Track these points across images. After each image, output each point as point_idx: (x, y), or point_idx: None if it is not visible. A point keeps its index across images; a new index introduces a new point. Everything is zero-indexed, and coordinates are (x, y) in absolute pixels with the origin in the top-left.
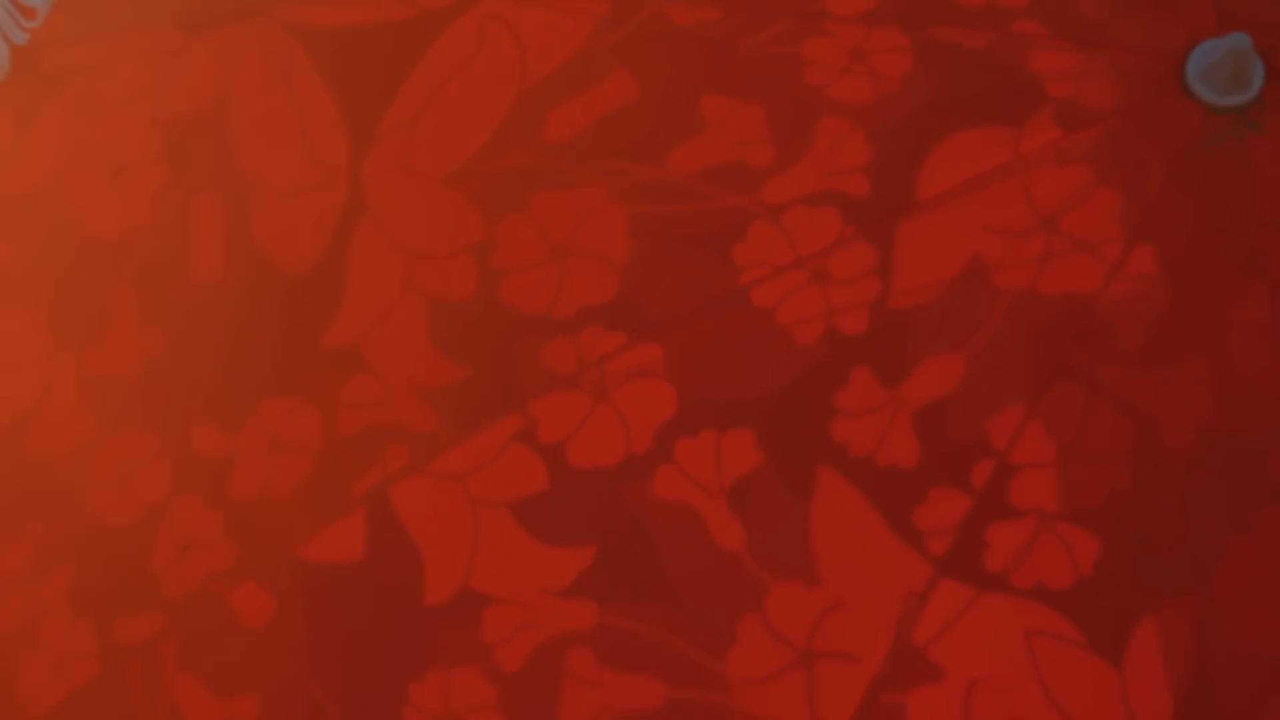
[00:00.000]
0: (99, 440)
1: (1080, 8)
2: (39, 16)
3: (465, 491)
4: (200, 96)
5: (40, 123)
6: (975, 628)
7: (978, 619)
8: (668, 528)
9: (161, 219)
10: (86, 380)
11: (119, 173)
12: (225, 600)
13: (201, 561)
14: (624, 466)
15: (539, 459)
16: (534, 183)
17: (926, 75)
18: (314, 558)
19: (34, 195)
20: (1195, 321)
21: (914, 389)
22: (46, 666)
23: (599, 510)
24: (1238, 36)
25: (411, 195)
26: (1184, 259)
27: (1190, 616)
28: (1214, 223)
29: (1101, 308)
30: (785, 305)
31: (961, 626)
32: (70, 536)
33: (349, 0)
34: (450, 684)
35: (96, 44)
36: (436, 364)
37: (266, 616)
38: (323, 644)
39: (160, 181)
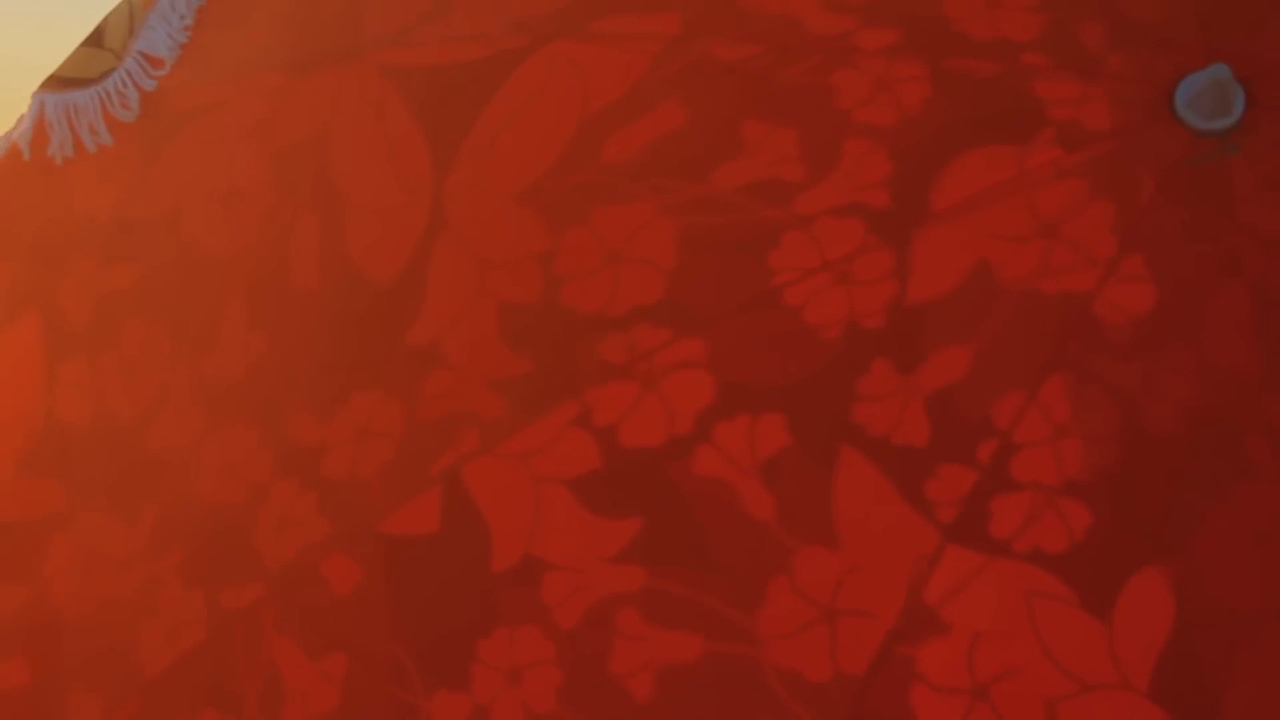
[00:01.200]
0: (210, 433)
1: (1081, 41)
2: (166, 66)
3: (528, 470)
4: (304, 129)
5: (164, 158)
6: (979, 588)
7: (981, 580)
8: (706, 500)
9: (268, 237)
10: (200, 381)
11: (232, 198)
12: (317, 570)
13: (297, 536)
14: (668, 447)
15: (593, 440)
16: (594, 199)
17: (942, 101)
18: (395, 530)
19: (159, 221)
20: (1178, 317)
21: (926, 377)
22: (161, 632)
23: (646, 485)
24: (1220, 68)
25: (486, 211)
26: (1169, 262)
27: (1172, 578)
28: (1197, 231)
29: (1095, 305)
30: (813, 304)
31: (967, 587)
32: (183, 518)
33: (435, 43)
34: (514, 641)
35: (214, 87)
36: (505, 358)
37: (353, 583)
38: (403, 607)
39: (268, 204)
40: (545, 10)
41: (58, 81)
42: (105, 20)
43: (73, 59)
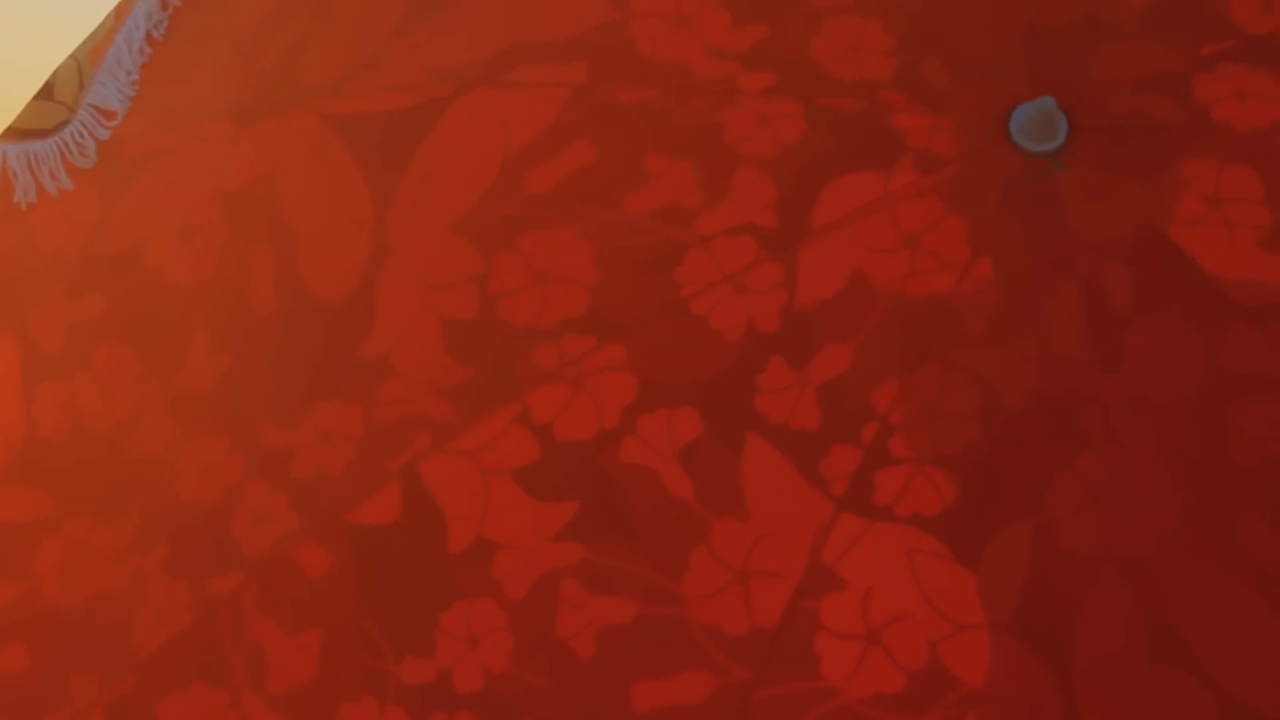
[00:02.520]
0: (184, 442)
1: (929, 81)
2: (118, 117)
3: (476, 464)
4: (252, 172)
5: (123, 199)
6: (868, 548)
7: (870, 542)
8: (633, 484)
9: (225, 269)
10: (171, 397)
11: (190, 234)
12: (292, 558)
13: (272, 529)
14: (598, 439)
15: (532, 436)
16: (520, 227)
17: (816, 134)
18: (360, 521)
19: (121, 257)
20: (1023, 312)
21: (816, 370)
22: (151, 617)
23: (580, 473)
24: (1046, 99)
25: (424, 240)
26: (1013, 265)
27: (1028, 532)
28: (1035, 238)
29: (953, 304)
30: (716, 312)
31: (858, 548)
32: (165, 517)
33: (371, 93)
34: (471, 612)
35: (165, 135)
36: (450, 367)
37: (325, 568)
38: (370, 587)
39: (223, 240)
40: (465, 61)
41: (15, 133)
42: (54, 75)
43: (27, 111)
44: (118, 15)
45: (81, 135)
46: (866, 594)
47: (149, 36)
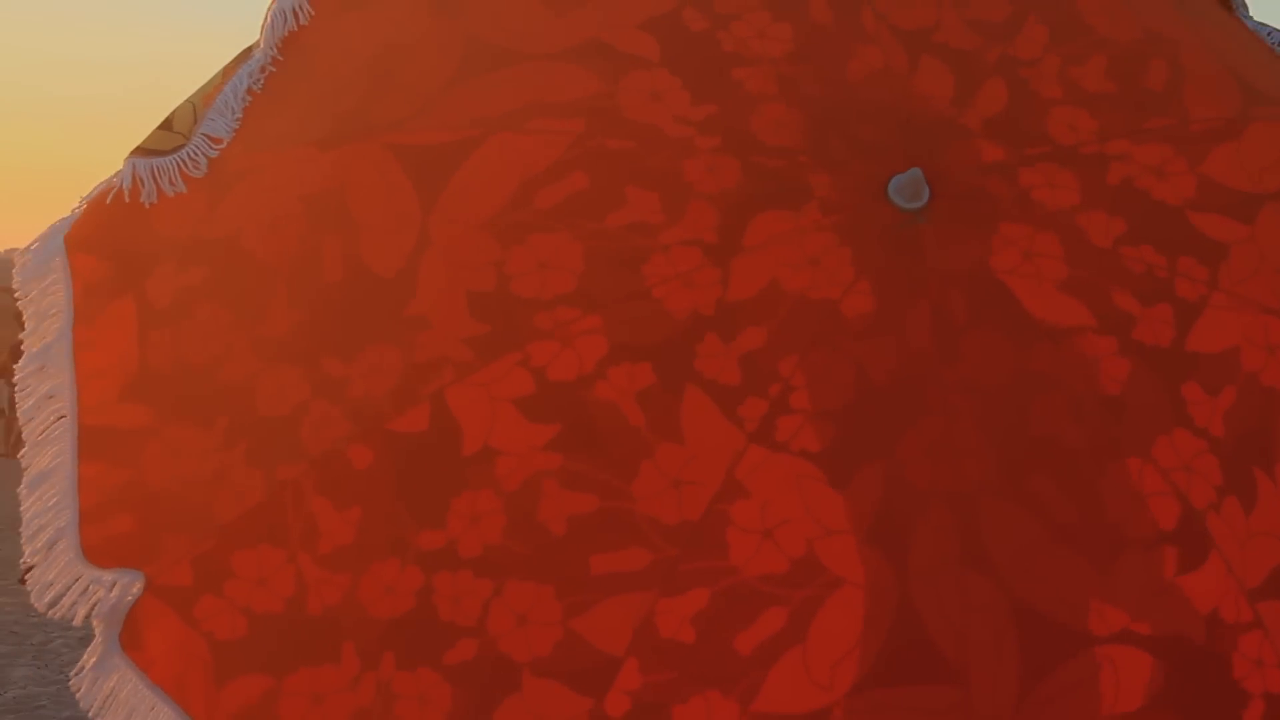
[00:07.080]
0: (264, 371)
1: (832, 152)
2: (224, 142)
3: (488, 393)
4: (329, 182)
5: (226, 200)
6: (769, 471)
7: (770, 467)
8: (601, 414)
9: (304, 249)
10: (255, 340)
11: (276, 225)
12: (344, 453)
13: (330, 433)
14: (578, 380)
15: (530, 375)
16: (529, 229)
17: (749, 181)
18: (398, 429)
19: (223, 240)
20: (889, 318)
21: (739, 344)
22: (231, 496)
23: (564, 404)
24: (915, 170)
25: (458, 235)
26: (884, 285)
27: (883, 469)
28: (900, 267)
29: (840, 307)
30: (670, 299)
31: (761, 470)
32: (246, 424)
33: (422, 130)
34: (476, 499)
35: (261, 155)
36: (471, 324)
37: (368, 462)
38: (402, 477)
39: (301, 230)
40: (495, 113)
41: (142, 151)
42: (173, 113)
43: (152, 137)
44: (225, 74)
45: (195, 154)
46: (764, 503)
47: (249, 89)
